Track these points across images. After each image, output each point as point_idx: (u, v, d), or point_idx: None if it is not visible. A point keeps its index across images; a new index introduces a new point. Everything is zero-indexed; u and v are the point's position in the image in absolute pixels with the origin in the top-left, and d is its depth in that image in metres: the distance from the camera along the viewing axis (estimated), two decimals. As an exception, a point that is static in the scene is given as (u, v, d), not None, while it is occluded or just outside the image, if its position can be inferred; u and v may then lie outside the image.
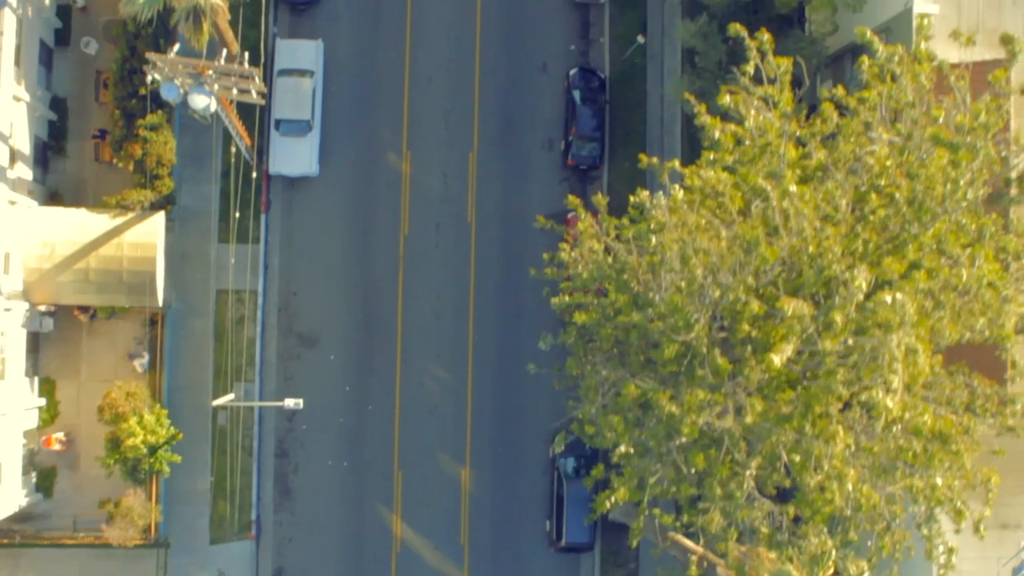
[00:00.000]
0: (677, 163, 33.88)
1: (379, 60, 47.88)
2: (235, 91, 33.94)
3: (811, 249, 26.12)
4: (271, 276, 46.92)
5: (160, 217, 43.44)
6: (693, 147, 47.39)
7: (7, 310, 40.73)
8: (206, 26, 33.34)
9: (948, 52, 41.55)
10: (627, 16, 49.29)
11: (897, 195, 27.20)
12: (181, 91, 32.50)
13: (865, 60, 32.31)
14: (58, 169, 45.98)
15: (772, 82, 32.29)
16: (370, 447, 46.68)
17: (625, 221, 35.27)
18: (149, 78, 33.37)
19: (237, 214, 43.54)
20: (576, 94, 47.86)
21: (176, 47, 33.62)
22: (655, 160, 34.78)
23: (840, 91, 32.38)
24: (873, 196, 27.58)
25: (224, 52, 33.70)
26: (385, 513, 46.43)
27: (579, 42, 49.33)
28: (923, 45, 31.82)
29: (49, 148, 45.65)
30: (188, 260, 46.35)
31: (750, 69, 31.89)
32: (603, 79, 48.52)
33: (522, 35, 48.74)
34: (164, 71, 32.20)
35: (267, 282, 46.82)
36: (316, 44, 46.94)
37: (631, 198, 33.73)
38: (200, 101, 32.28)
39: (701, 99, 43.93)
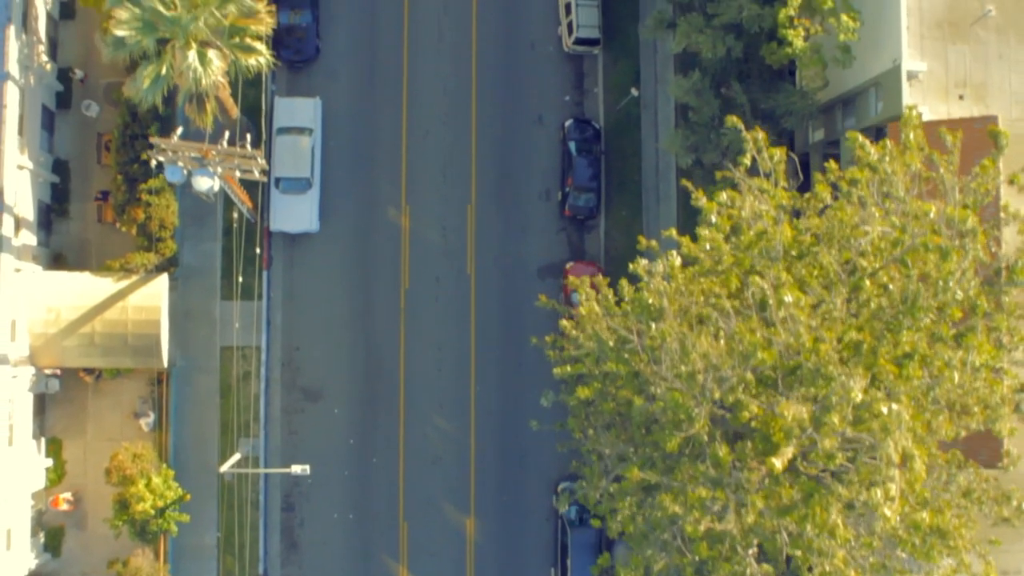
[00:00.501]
0: (674, 231, 34.53)
1: (377, 115, 48.53)
2: (238, 172, 34.46)
3: (808, 345, 26.73)
4: (274, 332, 47.46)
5: (163, 279, 43.95)
6: (687, 200, 47.97)
7: (14, 377, 41.23)
8: (209, 107, 33.90)
9: (937, 108, 42.57)
10: (620, 66, 49.99)
11: (891, 287, 27.88)
12: (184, 173, 33.02)
13: (856, 146, 32.72)
14: (61, 231, 46.52)
15: (767, 176, 32.93)
16: (375, 499, 47.20)
17: (624, 284, 35.54)
18: (153, 162, 33.87)
19: (240, 277, 43.96)
20: (572, 145, 48.52)
21: (179, 131, 34.15)
22: (654, 243, 35.09)
23: (832, 167, 33.00)
24: (868, 284, 28.22)
25: (227, 134, 34.22)
26: (391, 564, 46.95)
27: (574, 93, 50.03)
28: (911, 136, 32.25)
29: (52, 210, 46.17)
30: (192, 318, 46.90)
31: (747, 161, 32.41)
32: (598, 129, 49.19)
33: (517, 88, 49.40)
34: (168, 155, 32.74)
35: (270, 338, 47.36)
36: (314, 102, 47.54)
37: (630, 265, 34.20)
38: (204, 183, 32.84)
39: (694, 152, 44.91)
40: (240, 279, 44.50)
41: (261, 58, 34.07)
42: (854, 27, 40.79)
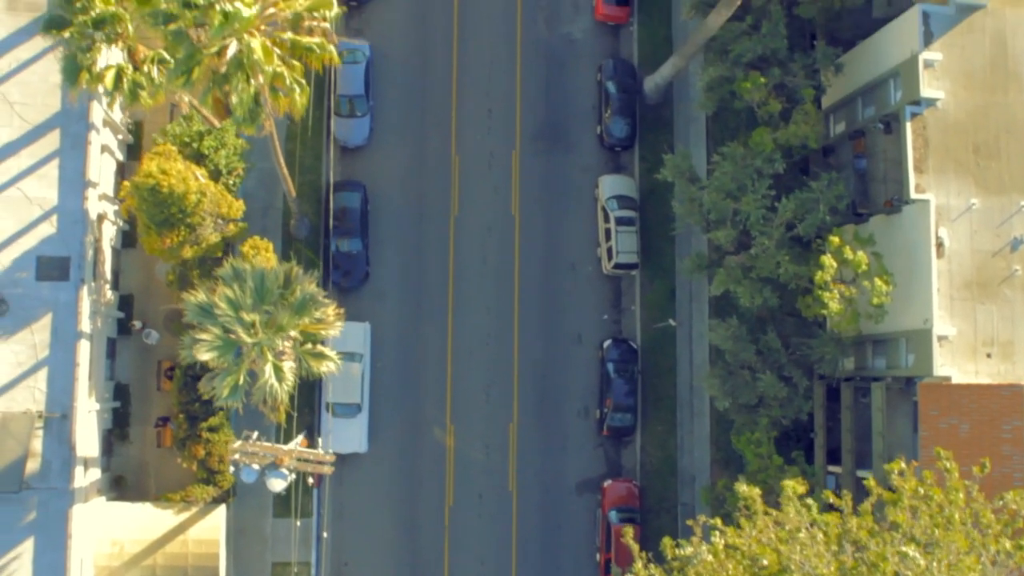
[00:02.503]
0: (719, 522, 36.21)
1: (423, 337, 50.51)
2: (311, 474, 36.33)
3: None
4: (323, 548, 49.29)
5: (222, 511, 45.76)
6: (720, 416, 50.28)
7: (81, 614, 42.99)
8: (283, 407, 35.86)
9: (965, 367, 44.33)
10: (656, 286, 51.99)
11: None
12: (258, 473, 34.95)
13: (894, 475, 34.34)
14: (121, 453, 48.40)
15: (810, 494, 34.55)
16: None
17: (667, 542, 36.86)
18: (231, 468, 35.81)
19: (294, 497, 45.80)
20: (610, 366, 50.45)
21: (255, 434, 36.12)
22: (688, 552, 36.28)
23: (872, 484, 34.71)
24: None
25: (299, 439, 36.23)
26: None
27: (612, 311, 52.04)
28: (956, 475, 33.83)
29: (113, 434, 48.09)
30: (244, 535, 48.66)
31: (789, 510, 33.72)
32: (635, 350, 51.13)
33: (558, 307, 51.42)
34: (245, 458, 34.69)
35: (319, 554, 49.17)
36: (364, 327, 49.56)
37: (669, 550, 35.55)
38: (277, 485, 34.77)
39: (730, 397, 46.67)
40: (294, 498, 46.37)
41: (331, 364, 36.10)
42: (887, 290, 42.76)
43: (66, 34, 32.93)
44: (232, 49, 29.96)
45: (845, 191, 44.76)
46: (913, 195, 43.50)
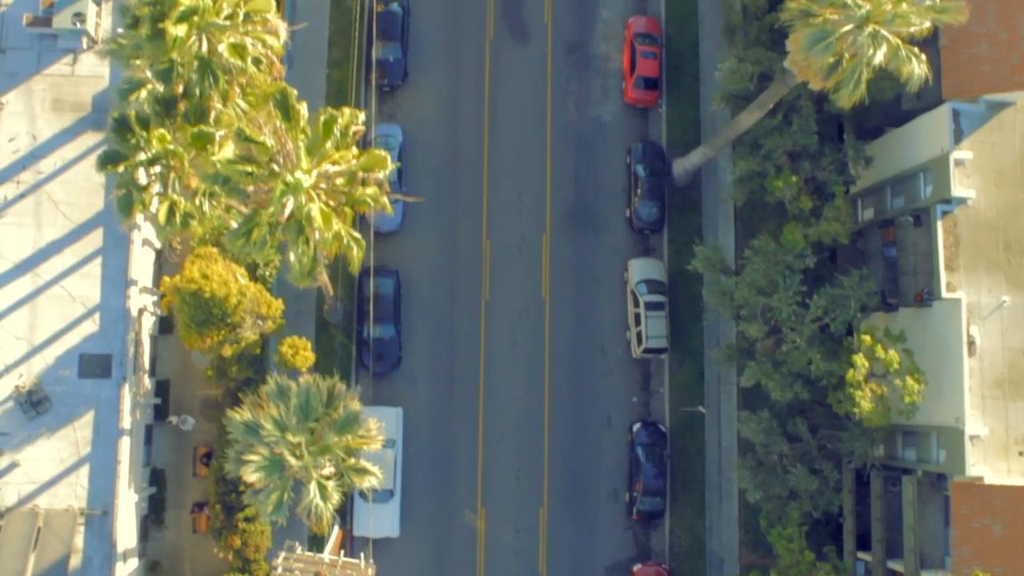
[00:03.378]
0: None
1: (455, 421, 51.03)
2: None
3: None
4: (356, 631, 49.85)
5: (256, 600, 46.43)
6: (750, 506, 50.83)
7: None
8: (326, 518, 36.40)
9: (996, 465, 44.51)
10: (685, 368, 52.41)
11: None
12: (301, 582, 35.60)
13: None
14: (157, 538, 48.98)
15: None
16: None
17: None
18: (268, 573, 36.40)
19: None
20: (639, 450, 50.85)
21: (298, 547, 36.79)
22: None
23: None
24: None
25: (334, 531, 36.77)
26: None
27: (641, 394, 52.49)
28: None
29: (149, 519, 48.74)
30: (278, 619, 49.28)
31: None
32: (664, 433, 51.56)
33: (587, 390, 51.87)
34: (287, 574, 35.30)
35: (352, 637, 49.74)
36: (397, 412, 50.12)
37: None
38: (319, 597, 35.40)
39: (761, 489, 47.07)
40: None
41: (373, 479, 36.67)
42: (919, 389, 43.10)
43: (120, 168, 33.64)
44: (289, 207, 30.69)
45: (875, 287, 45.12)
46: (944, 294, 43.86)
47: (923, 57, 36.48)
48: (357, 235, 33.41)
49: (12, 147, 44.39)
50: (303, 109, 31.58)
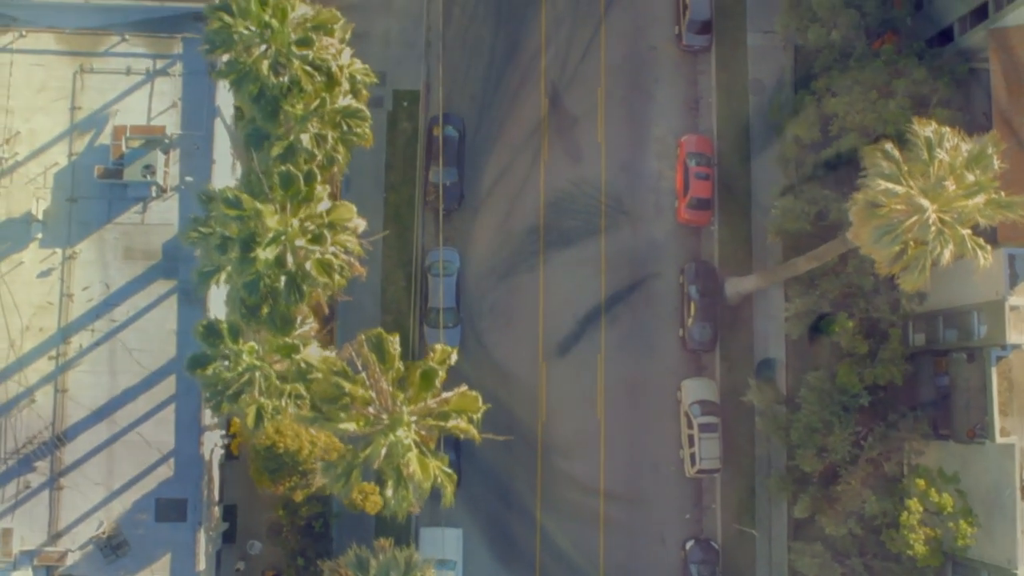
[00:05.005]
0: None
1: (513, 541, 52.27)
2: None
3: None
4: None
5: None
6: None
7: None
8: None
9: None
10: (738, 483, 53.23)
11: None
12: None
13: None
14: (226, 666, 50.65)
15: None
16: None
17: None
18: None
19: None
20: (693, 568, 51.88)
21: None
22: None
23: None
24: None
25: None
26: None
27: (693, 510, 53.53)
28: None
29: (220, 643, 50.33)
30: None
31: None
32: (717, 550, 52.65)
33: (641, 508, 52.85)
34: None
35: None
36: (457, 533, 51.34)
37: None
38: None
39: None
40: None
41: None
42: (972, 532, 44.06)
43: (209, 371, 34.76)
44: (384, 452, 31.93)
45: (928, 427, 45.95)
46: (999, 439, 44.68)
47: (988, 248, 37.15)
48: (450, 471, 34.60)
49: (86, 296, 45.67)
50: (396, 344, 32.60)
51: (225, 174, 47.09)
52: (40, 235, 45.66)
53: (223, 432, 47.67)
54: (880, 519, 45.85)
